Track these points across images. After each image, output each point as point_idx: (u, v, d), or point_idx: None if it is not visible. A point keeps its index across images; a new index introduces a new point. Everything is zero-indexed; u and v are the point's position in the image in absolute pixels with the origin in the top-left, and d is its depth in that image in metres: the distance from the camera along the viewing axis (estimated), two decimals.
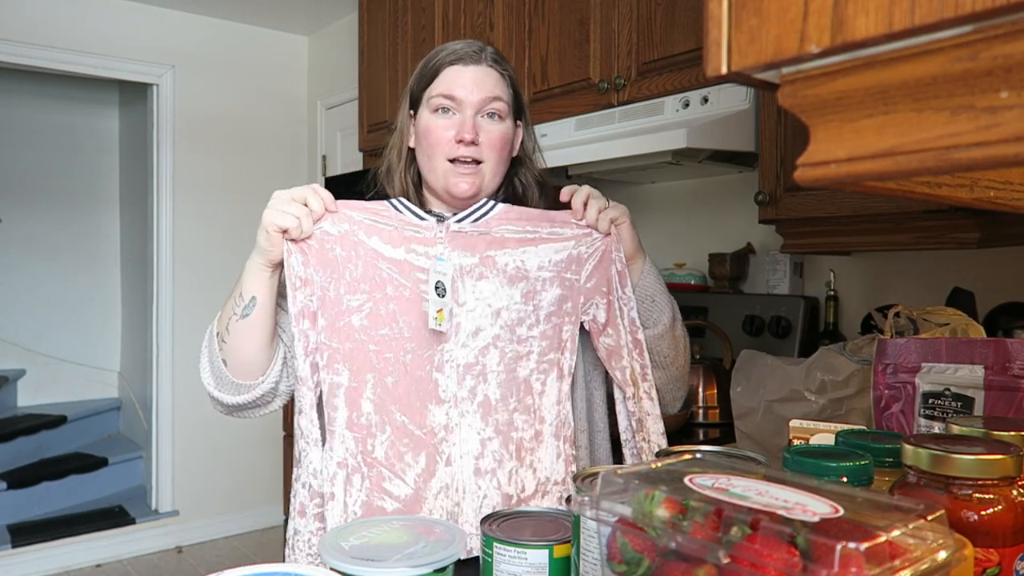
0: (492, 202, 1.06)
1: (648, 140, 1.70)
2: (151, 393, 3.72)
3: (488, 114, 1.08)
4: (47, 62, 3.39)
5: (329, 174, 3.87)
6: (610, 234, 1.07)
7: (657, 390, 1.11)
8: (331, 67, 3.89)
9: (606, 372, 1.10)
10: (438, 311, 0.99)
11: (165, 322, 3.68)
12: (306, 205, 0.98)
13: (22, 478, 3.64)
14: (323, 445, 0.99)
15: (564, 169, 2.08)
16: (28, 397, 4.43)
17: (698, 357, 1.92)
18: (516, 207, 1.08)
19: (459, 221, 1.04)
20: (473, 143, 1.06)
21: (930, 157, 0.41)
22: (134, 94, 4.23)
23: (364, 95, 3.00)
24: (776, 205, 1.61)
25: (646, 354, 1.08)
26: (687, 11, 1.78)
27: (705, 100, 1.74)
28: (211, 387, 1.07)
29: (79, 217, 4.64)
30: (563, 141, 2.02)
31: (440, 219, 1.04)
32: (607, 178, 2.24)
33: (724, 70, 0.47)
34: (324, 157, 3.94)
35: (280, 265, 1.00)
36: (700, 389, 1.86)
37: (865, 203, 1.45)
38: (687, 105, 1.78)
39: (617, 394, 1.08)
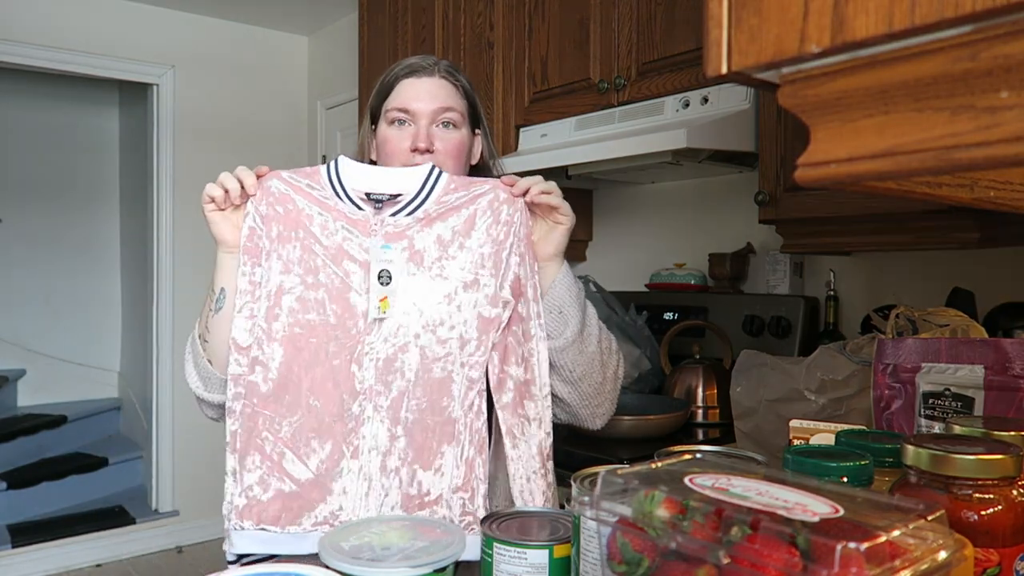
0: (435, 175, 1.04)
1: (648, 140, 1.70)
2: (151, 393, 3.72)
3: (443, 123, 1.14)
4: (47, 62, 3.39)
5: None
6: (529, 209, 1.04)
7: (569, 404, 1.10)
8: (331, 67, 3.89)
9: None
10: (381, 299, 0.99)
11: (165, 322, 3.68)
12: (239, 180, 1.01)
13: (22, 478, 3.64)
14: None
15: (564, 169, 2.08)
16: (28, 397, 4.43)
17: (698, 357, 1.93)
18: (457, 178, 1.06)
19: (395, 215, 1.03)
20: (428, 151, 1.12)
21: (930, 157, 0.41)
22: (134, 94, 4.23)
23: (364, 95, 3.00)
24: (776, 205, 1.61)
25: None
26: (687, 11, 1.78)
27: (705, 100, 1.74)
28: (200, 390, 1.07)
29: (79, 217, 4.64)
30: (563, 141, 2.02)
31: (378, 205, 1.03)
32: (607, 178, 2.24)
33: (724, 70, 0.47)
34: (324, 157, 3.93)
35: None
36: (700, 389, 1.86)
37: (865, 203, 1.45)
38: (687, 105, 1.78)
39: (507, 440, 0.99)
